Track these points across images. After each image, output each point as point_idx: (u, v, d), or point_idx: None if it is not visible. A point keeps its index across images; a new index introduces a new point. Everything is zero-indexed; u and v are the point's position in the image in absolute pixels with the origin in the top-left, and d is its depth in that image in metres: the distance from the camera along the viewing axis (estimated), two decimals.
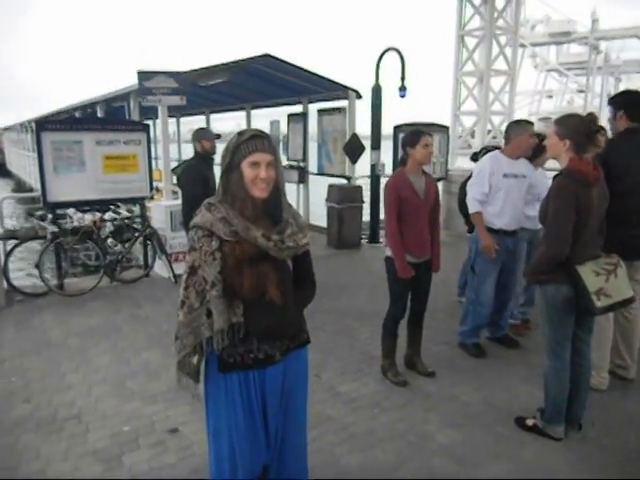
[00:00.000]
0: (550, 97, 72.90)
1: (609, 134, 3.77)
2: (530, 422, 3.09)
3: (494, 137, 10.21)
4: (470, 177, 4.21)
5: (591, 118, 2.79)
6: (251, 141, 1.85)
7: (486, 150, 4.80)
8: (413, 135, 3.53)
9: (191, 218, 1.93)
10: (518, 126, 3.99)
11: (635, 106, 3.36)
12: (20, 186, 24.92)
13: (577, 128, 2.76)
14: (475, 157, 4.99)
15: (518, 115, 9.71)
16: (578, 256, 2.74)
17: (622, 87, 70.84)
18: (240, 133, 1.89)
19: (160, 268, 6.52)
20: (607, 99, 3.61)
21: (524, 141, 3.90)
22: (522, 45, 10.38)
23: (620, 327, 3.57)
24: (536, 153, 4.11)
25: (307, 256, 2.08)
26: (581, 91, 71.44)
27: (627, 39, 66.76)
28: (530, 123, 4.04)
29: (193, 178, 4.75)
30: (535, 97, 64.98)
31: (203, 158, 4.94)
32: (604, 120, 3.92)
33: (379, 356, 3.90)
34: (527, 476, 2.70)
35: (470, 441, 2.99)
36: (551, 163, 4.48)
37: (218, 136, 5.09)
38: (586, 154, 2.82)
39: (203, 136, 4.98)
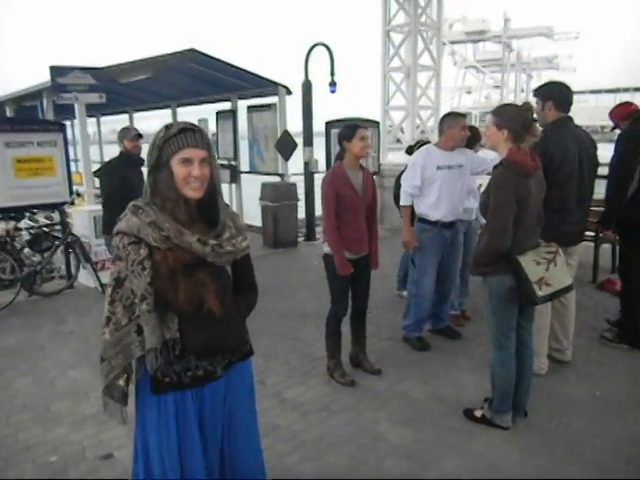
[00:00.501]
0: (469, 93, 76.41)
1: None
2: (478, 413, 3.10)
3: (422, 131, 10.42)
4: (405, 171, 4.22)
5: (527, 107, 2.82)
6: (181, 135, 1.66)
7: (421, 143, 4.83)
8: (348, 129, 3.45)
9: (111, 222, 1.72)
10: (450, 118, 4.02)
11: (562, 97, 3.45)
12: None
13: (514, 118, 2.78)
14: (410, 150, 5.01)
15: (443, 110, 9.95)
16: (519, 246, 2.76)
17: (533, 83, 75.49)
18: (168, 126, 1.69)
19: (85, 278, 6.08)
20: (531, 92, 3.69)
21: (456, 133, 3.93)
22: (442, 43, 10.75)
23: (556, 312, 3.67)
24: (468, 144, 4.16)
25: (247, 260, 1.93)
26: (497, 87, 75.41)
27: (536, 37, 71.26)
28: (462, 115, 4.08)
29: (111, 179, 4.50)
30: (455, 93, 67.80)
31: (127, 158, 4.67)
32: None
33: (324, 357, 3.80)
34: (480, 468, 2.69)
35: (421, 438, 2.95)
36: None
37: (139, 135, 4.78)
38: (523, 144, 2.85)
39: (124, 135, 4.74)
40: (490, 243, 2.77)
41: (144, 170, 4.52)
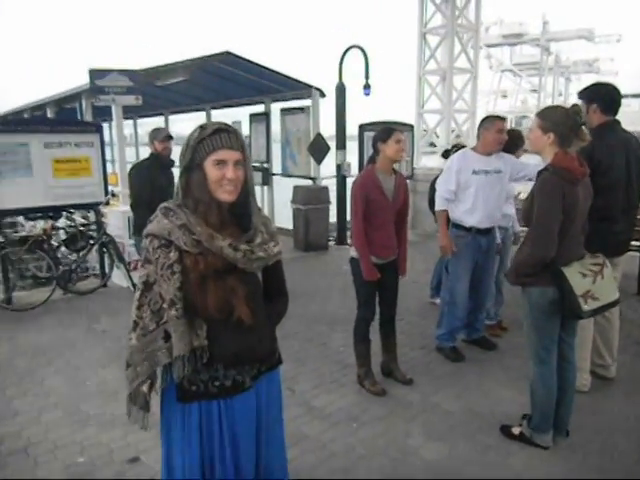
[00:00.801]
0: (505, 97, 75.04)
1: None
2: (516, 430, 2.95)
3: (457, 135, 10.22)
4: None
5: (575, 110, 2.67)
6: (215, 136, 1.60)
7: (458, 147, 4.70)
8: (384, 131, 3.37)
9: (141, 224, 1.68)
10: (486, 121, 3.89)
11: (609, 99, 3.27)
12: None
13: (561, 121, 2.63)
14: (447, 154, 4.88)
15: (479, 114, 9.74)
16: (563, 257, 2.61)
17: (572, 87, 73.70)
18: (202, 126, 1.63)
19: (118, 277, 6.15)
20: (571, 96, 3.52)
21: (490, 137, 3.79)
22: (471, 48, 10.51)
23: (598, 326, 3.47)
24: (508, 148, 3.99)
25: (279, 266, 1.86)
26: (534, 91, 73.85)
27: (575, 40, 69.49)
28: (501, 118, 3.93)
29: (141, 180, 4.49)
30: (491, 97, 66.67)
31: (157, 160, 4.67)
32: None
33: (354, 364, 3.71)
34: None
35: (456, 454, 2.82)
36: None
37: (170, 137, 4.78)
38: (570, 148, 2.70)
39: (155, 136, 4.73)
40: (533, 253, 2.63)
41: (174, 172, 4.52)
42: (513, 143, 4.00)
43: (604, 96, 3.28)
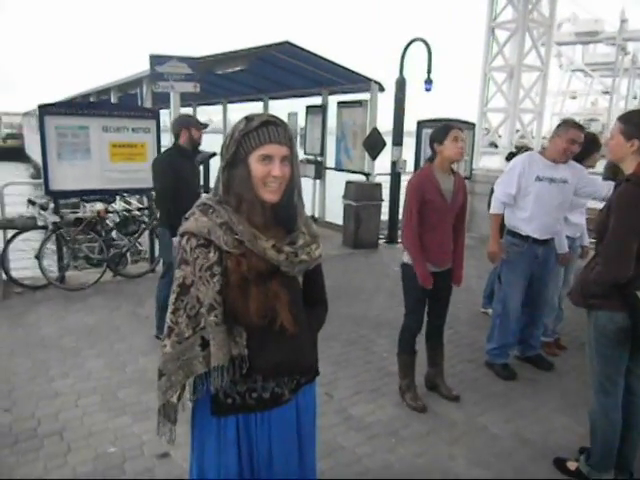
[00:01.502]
0: (574, 98, 71.70)
1: None
2: (572, 466, 2.68)
3: (522, 137, 9.73)
4: None
5: None
6: (263, 129, 1.46)
7: (525, 149, 4.37)
8: (441, 129, 3.13)
9: (169, 217, 1.56)
10: (562, 127, 3.50)
11: None
12: (38, 171, 24.90)
13: None
14: (511, 157, 4.56)
15: (546, 115, 9.23)
16: (638, 279, 2.33)
17: None
18: (248, 118, 1.49)
19: None
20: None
21: (559, 144, 3.45)
22: (542, 44, 9.85)
23: None
24: (579, 154, 3.64)
25: (319, 271, 1.71)
26: (606, 92, 70.09)
27: None
28: (578, 126, 3.49)
29: (163, 172, 4.04)
30: (559, 97, 63.85)
31: (181, 150, 4.20)
32: None
33: (397, 373, 3.52)
34: None
35: None
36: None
37: (206, 125, 4.51)
38: None
39: (188, 123, 4.21)
40: (606, 271, 2.35)
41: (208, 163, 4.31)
42: (584, 148, 3.61)
43: None
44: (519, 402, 3.43)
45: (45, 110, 5.49)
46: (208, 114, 20.82)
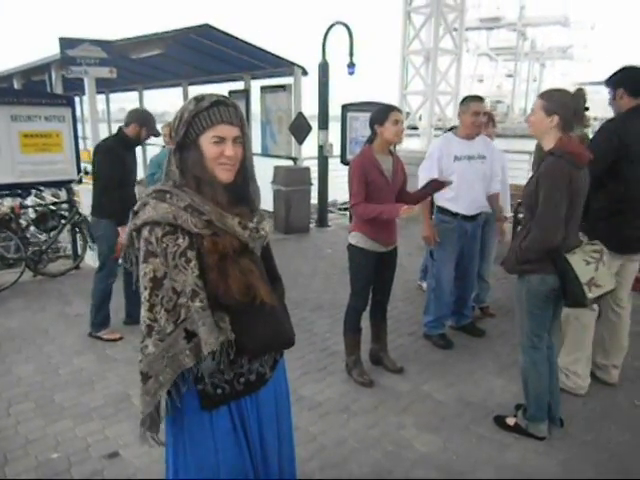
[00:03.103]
0: (481, 81, 75.53)
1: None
2: (511, 421, 2.89)
3: (439, 119, 10.11)
4: None
5: (581, 94, 2.55)
6: (213, 109, 1.44)
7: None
8: (381, 111, 3.19)
9: (108, 207, 1.49)
10: (463, 104, 3.75)
11: (637, 82, 3.09)
12: None
13: (567, 103, 2.52)
14: None
15: (461, 97, 9.64)
16: (566, 244, 2.53)
17: (546, 73, 74.50)
18: (198, 98, 1.45)
19: (92, 259, 5.88)
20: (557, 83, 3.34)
21: (468, 120, 3.67)
22: (455, 29, 10.30)
23: (609, 323, 3.29)
24: None
25: (270, 247, 1.73)
26: (509, 76, 74.46)
27: (551, 26, 70.10)
28: (477, 98, 3.75)
29: (112, 160, 3.88)
30: (467, 80, 66.89)
31: (126, 139, 4.03)
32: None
33: (341, 351, 3.61)
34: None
35: (451, 447, 2.74)
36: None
37: (157, 134, 4.28)
38: (572, 133, 2.60)
39: (145, 122, 4.03)
40: (540, 239, 2.53)
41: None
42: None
43: (632, 79, 3.08)
44: (458, 368, 3.62)
45: None
46: (121, 102, 19.80)
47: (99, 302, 4.05)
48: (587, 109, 2.68)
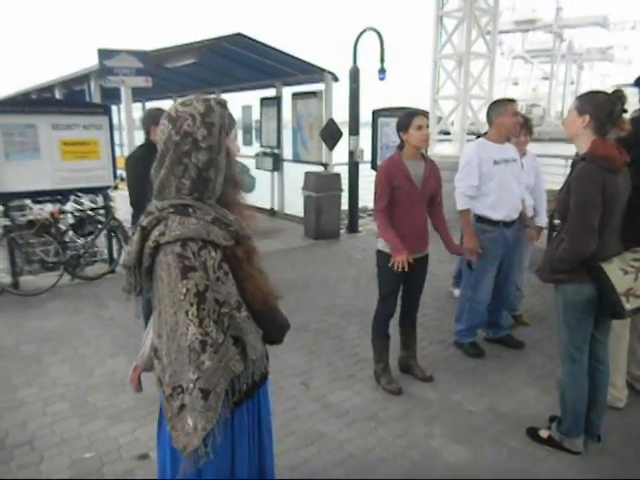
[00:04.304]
0: (516, 84, 74.18)
1: None
2: (544, 434, 2.80)
3: (472, 124, 9.95)
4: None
5: (618, 95, 2.47)
6: (227, 111, 1.51)
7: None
8: (405, 117, 3.16)
9: (137, 215, 1.50)
10: (498, 106, 3.63)
11: None
12: None
13: (600, 104, 2.44)
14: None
15: None
16: (602, 252, 2.44)
17: (584, 75, 72.59)
18: (222, 103, 1.49)
19: None
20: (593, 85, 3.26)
21: (507, 122, 3.58)
22: (488, 32, 10.12)
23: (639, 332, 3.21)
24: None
25: None
26: (546, 78, 72.81)
27: (589, 27, 68.29)
28: (511, 101, 3.68)
29: (140, 173, 3.92)
30: (502, 84, 65.79)
31: (153, 146, 4.08)
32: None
33: (370, 358, 3.58)
34: None
35: (480, 458, 2.68)
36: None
37: None
38: (607, 136, 2.52)
39: (155, 120, 4.12)
40: (572, 248, 2.45)
41: None
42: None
43: None
44: (489, 378, 3.55)
45: None
46: None
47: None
48: (625, 111, 2.60)
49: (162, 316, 1.42)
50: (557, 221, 2.85)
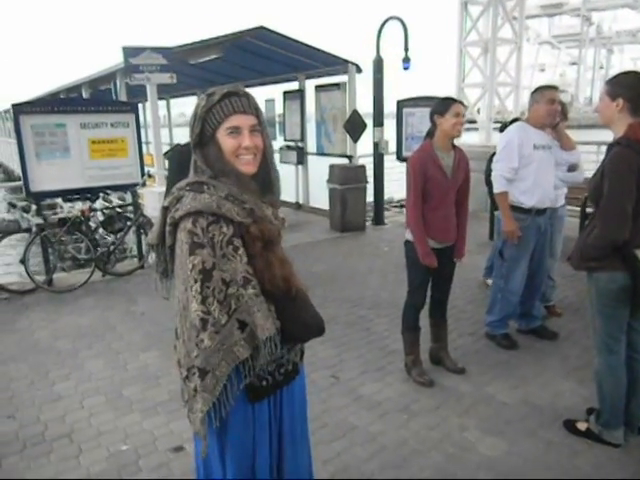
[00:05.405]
0: (543, 70, 72.43)
1: None
2: (582, 426, 2.74)
3: (498, 112, 9.77)
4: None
5: None
6: (225, 101, 1.44)
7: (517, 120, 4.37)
8: (443, 102, 3.11)
9: None
10: (536, 93, 3.59)
11: None
12: (8, 175, 24.25)
13: (633, 84, 2.36)
14: (505, 129, 4.55)
15: (522, 87, 9.27)
16: (636, 239, 2.37)
17: (614, 59, 70.49)
18: (209, 93, 1.46)
19: None
20: (612, 69, 3.13)
21: (542, 109, 3.51)
22: (514, 17, 9.91)
23: None
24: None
25: None
26: (574, 63, 70.91)
27: (619, 9, 66.17)
28: (551, 87, 3.60)
29: (179, 167, 4.07)
30: (528, 71, 64.39)
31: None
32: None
33: (400, 350, 3.54)
34: None
35: (516, 451, 2.63)
36: None
37: None
38: None
39: None
40: (604, 234, 2.38)
41: None
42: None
43: None
44: (523, 370, 3.48)
45: (20, 109, 5.32)
46: (181, 106, 20.46)
47: None
48: None
49: (176, 294, 1.45)
50: (590, 209, 2.77)
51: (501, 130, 4.77)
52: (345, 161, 8.44)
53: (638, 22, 69.18)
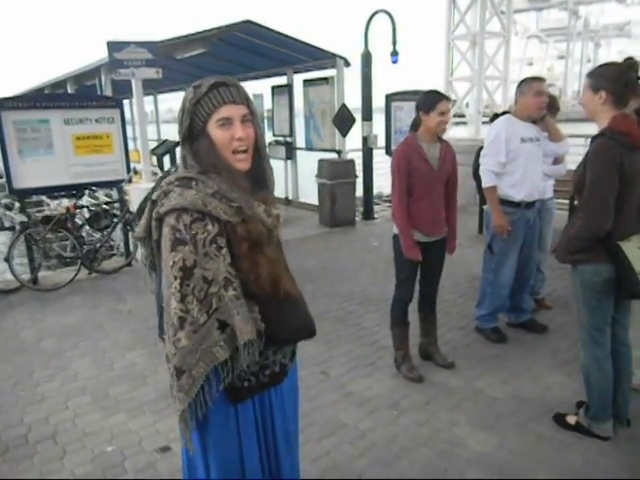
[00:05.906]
0: (531, 64, 72.67)
1: None
2: (572, 420, 2.73)
3: (486, 106, 9.77)
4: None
5: (629, 64, 2.36)
6: (213, 92, 1.39)
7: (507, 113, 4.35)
8: (429, 99, 3.05)
9: None
10: (523, 84, 3.56)
11: None
12: None
13: (614, 76, 2.35)
14: (495, 119, 4.52)
15: (510, 81, 9.26)
16: (620, 230, 2.36)
17: (601, 52, 70.89)
18: (196, 85, 1.41)
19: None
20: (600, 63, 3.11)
21: (529, 101, 3.49)
22: (502, 11, 9.91)
23: None
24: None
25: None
26: (561, 57, 71.24)
27: (606, 3, 66.50)
28: (538, 79, 3.57)
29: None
30: (516, 64, 64.52)
31: None
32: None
33: (390, 346, 3.52)
34: None
35: (507, 445, 2.62)
36: None
37: None
38: (627, 108, 2.41)
39: None
40: (587, 226, 2.37)
41: None
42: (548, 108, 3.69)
43: None
44: (512, 363, 3.47)
45: (1, 104, 5.20)
46: (168, 102, 20.28)
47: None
48: (639, 79, 2.48)
49: (163, 289, 1.41)
50: (577, 202, 2.76)
51: (491, 120, 4.74)
52: (334, 156, 8.41)
53: (625, 15, 69.45)
